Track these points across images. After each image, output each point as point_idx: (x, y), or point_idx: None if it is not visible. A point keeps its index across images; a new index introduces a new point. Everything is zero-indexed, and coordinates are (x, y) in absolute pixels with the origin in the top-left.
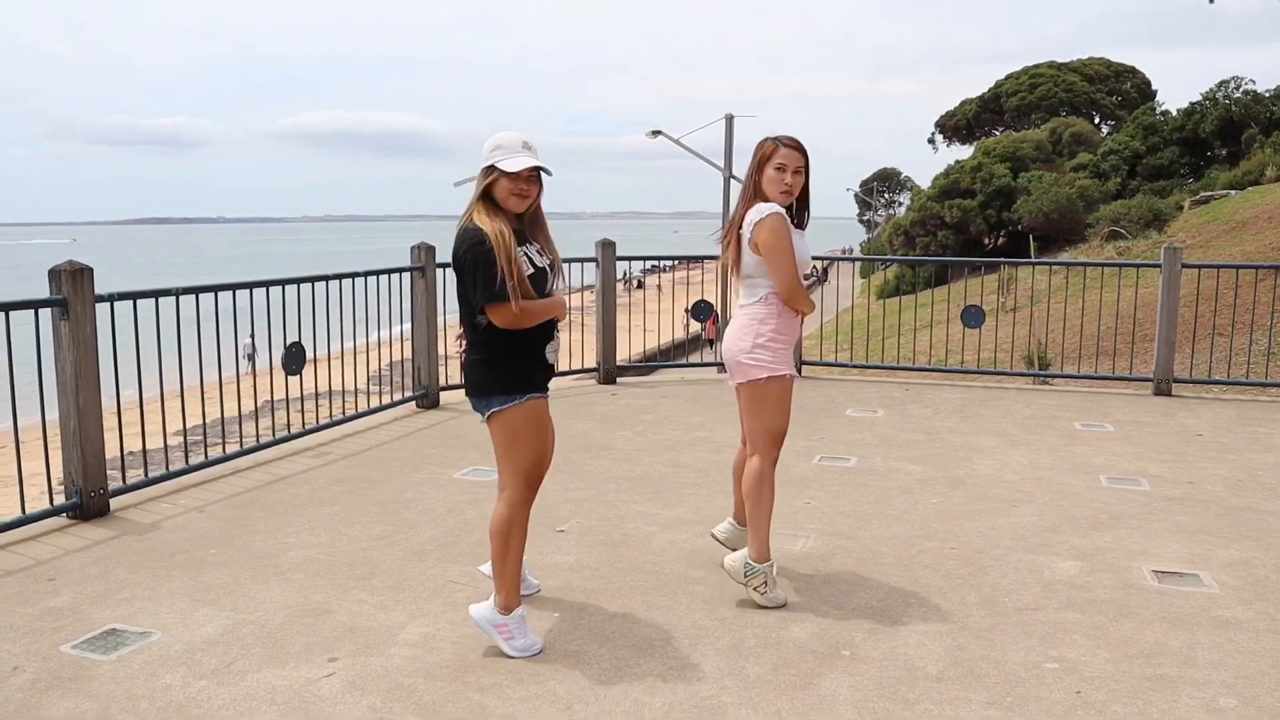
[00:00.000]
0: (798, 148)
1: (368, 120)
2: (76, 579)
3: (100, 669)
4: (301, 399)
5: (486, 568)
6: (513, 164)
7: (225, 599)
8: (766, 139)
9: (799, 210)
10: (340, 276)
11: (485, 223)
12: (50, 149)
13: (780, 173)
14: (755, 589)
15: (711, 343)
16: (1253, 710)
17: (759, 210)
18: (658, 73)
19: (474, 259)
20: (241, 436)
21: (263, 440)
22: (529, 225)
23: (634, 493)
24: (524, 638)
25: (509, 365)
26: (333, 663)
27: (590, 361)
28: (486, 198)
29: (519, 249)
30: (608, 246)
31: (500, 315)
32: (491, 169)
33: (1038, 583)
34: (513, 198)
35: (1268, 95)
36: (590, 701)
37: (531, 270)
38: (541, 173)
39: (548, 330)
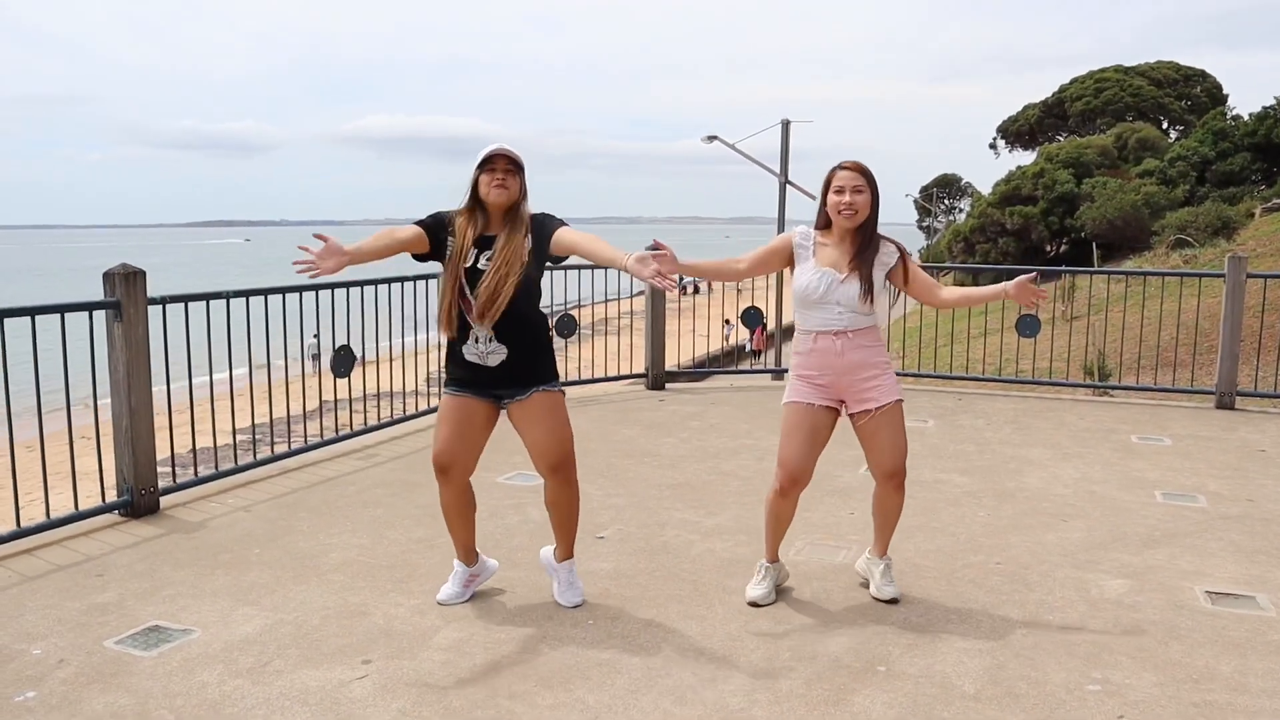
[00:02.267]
0: (855, 168)
1: (429, 124)
2: (124, 575)
3: (140, 665)
4: (350, 401)
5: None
6: (481, 156)
7: (266, 599)
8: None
9: (863, 241)
10: (390, 281)
11: (458, 215)
12: (120, 153)
13: (839, 195)
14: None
15: (758, 353)
16: None
17: None
18: (716, 76)
19: None
20: (290, 438)
21: (311, 441)
22: (503, 222)
23: (676, 500)
24: (446, 585)
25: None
26: (366, 665)
27: (639, 366)
28: (475, 201)
29: (472, 249)
30: None
31: None
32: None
33: (1084, 601)
34: (493, 190)
35: None
36: (619, 711)
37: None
38: (519, 166)
39: (464, 331)
